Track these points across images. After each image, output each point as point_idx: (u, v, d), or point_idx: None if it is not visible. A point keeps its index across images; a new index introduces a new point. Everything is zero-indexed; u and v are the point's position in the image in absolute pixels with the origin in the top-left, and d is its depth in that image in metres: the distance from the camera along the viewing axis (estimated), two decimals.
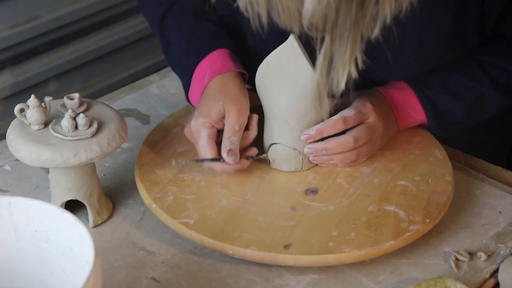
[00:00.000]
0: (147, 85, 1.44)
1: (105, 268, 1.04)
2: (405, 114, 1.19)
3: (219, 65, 1.17)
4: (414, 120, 1.20)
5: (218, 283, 1.03)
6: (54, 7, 1.62)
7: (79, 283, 0.78)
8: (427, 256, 1.07)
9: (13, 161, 1.24)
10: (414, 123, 1.21)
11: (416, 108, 1.19)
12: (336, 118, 1.12)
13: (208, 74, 1.17)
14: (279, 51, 1.08)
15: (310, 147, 1.12)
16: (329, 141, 1.12)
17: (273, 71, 1.10)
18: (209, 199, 1.11)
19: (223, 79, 1.16)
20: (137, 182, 1.14)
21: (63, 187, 1.10)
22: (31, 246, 0.90)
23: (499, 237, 1.09)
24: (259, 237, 1.05)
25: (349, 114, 1.12)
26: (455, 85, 1.19)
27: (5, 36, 1.55)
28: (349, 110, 1.13)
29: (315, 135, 1.12)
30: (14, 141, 1.06)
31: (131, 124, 1.31)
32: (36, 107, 1.06)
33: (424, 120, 1.19)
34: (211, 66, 1.18)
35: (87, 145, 1.05)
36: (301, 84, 1.08)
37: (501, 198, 1.15)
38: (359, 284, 1.03)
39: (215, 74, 1.16)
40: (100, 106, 1.12)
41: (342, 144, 1.12)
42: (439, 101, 1.18)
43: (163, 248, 1.09)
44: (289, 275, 1.04)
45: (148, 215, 1.14)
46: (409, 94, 1.18)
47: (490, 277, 1.04)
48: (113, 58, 1.76)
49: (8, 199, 0.89)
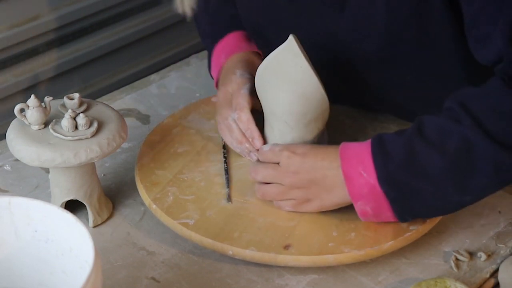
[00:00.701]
0: (147, 85, 1.44)
1: (105, 268, 1.04)
2: (355, 172, 1.02)
3: (234, 47, 1.25)
4: (365, 183, 1.01)
5: (218, 283, 1.03)
6: (54, 7, 1.61)
7: (79, 283, 0.78)
8: (427, 256, 1.07)
9: (13, 161, 1.24)
10: (366, 188, 1.02)
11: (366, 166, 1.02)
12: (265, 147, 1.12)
13: (224, 55, 1.24)
14: (278, 52, 1.08)
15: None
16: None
17: (272, 71, 1.10)
18: (209, 199, 1.11)
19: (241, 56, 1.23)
20: (137, 182, 1.14)
21: (63, 187, 1.10)
22: (31, 246, 0.90)
23: (499, 237, 1.09)
24: (259, 237, 1.05)
25: (265, 148, 1.11)
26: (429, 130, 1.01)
27: (5, 36, 1.55)
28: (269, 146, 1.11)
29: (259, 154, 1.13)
30: (14, 141, 1.06)
31: (131, 124, 1.31)
32: (36, 107, 1.06)
33: (375, 184, 1.01)
34: (225, 47, 1.25)
35: (87, 145, 1.05)
36: (301, 84, 1.08)
37: (501, 198, 1.15)
38: (359, 284, 1.03)
39: (230, 55, 1.24)
40: (100, 106, 1.12)
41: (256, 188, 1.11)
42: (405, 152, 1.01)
43: (163, 248, 1.09)
44: (289, 275, 1.04)
45: (148, 215, 1.14)
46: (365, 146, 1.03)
47: (490, 277, 1.04)
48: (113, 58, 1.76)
49: (8, 199, 0.89)
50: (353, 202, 1.03)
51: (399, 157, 1.00)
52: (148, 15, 1.79)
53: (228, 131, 1.16)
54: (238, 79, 1.18)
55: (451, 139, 0.99)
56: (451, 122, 0.99)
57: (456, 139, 0.98)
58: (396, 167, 1.00)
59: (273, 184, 1.08)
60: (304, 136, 1.13)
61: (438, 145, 0.99)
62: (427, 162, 0.99)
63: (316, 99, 1.10)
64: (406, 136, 1.02)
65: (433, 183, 1.00)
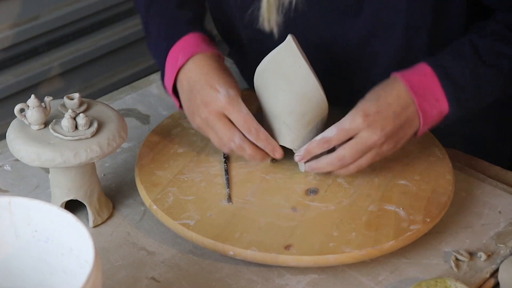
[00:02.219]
0: (147, 85, 1.44)
1: (105, 268, 1.04)
2: (429, 104, 1.09)
3: (193, 46, 1.15)
4: (438, 113, 1.10)
5: (218, 283, 1.03)
6: (54, 7, 1.62)
7: (79, 283, 0.78)
8: (427, 256, 1.07)
9: (13, 161, 1.24)
10: (437, 115, 1.10)
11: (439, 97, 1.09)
12: (318, 139, 1.09)
13: (182, 56, 1.14)
14: (277, 52, 1.08)
15: (306, 166, 1.12)
16: (318, 162, 1.10)
17: (271, 72, 1.10)
18: (210, 200, 1.11)
19: (206, 58, 1.14)
20: (137, 183, 1.14)
21: (63, 187, 1.10)
22: (31, 246, 0.90)
23: (499, 237, 1.09)
24: (259, 238, 1.05)
25: (330, 134, 1.08)
26: (487, 52, 1.11)
27: (5, 36, 1.55)
28: (331, 129, 1.08)
29: (305, 155, 1.11)
30: (14, 141, 1.06)
31: (131, 124, 1.31)
32: (36, 107, 1.06)
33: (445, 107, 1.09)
34: (184, 48, 1.15)
35: (87, 145, 1.05)
36: (300, 84, 1.08)
37: (501, 198, 1.15)
38: (359, 284, 1.03)
39: (188, 56, 1.13)
40: (100, 106, 1.12)
41: (329, 163, 1.09)
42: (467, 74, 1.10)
43: (163, 248, 1.09)
44: (289, 275, 1.04)
45: (148, 215, 1.14)
46: (431, 79, 1.09)
47: (490, 277, 1.04)
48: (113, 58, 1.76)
49: (8, 199, 0.89)
50: (422, 129, 1.09)
51: (469, 88, 1.09)
52: None
53: (240, 151, 1.12)
54: (225, 98, 1.09)
55: (505, 60, 1.10)
56: (503, 44, 1.10)
57: (510, 59, 1.10)
58: (467, 98, 1.09)
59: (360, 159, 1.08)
60: (303, 137, 1.13)
61: (496, 67, 1.10)
62: (490, 84, 1.11)
63: (315, 100, 1.10)
64: (467, 61, 1.09)
65: (492, 99, 1.13)
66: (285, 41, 1.07)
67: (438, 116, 1.09)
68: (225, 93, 1.10)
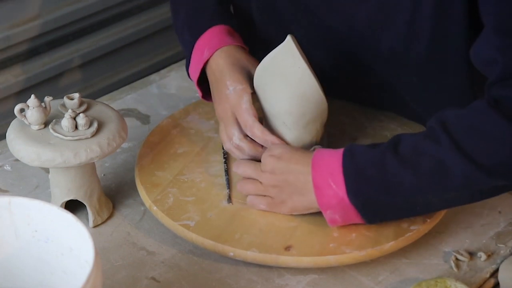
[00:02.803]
0: (147, 85, 1.44)
1: (105, 268, 1.04)
2: (324, 183, 1.02)
3: (217, 41, 1.19)
4: (334, 195, 1.02)
5: (218, 283, 1.03)
6: (54, 7, 1.61)
7: (79, 283, 0.78)
8: (427, 256, 1.07)
9: (13, 161, 1.24)
10: (335, 200, 1.02)
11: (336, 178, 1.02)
12: None
13: (207, 49, 1.18)
14: (276, 52, 1.08)
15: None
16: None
17: (271, 72, 1.10)
18: (210, 200, 1.11)
19: (228, 52, 1.17)
20: (137, 184, 1.14)
21: (63, 187, 1.10)
22: (31, 246, 0.90)
23: (499, 237, 1.09)
24: (260, 239, 1.04)
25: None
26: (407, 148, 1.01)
27: (5, 36, 1.54)
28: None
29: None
30: (14, 141, 1.06)
31: (131, 124, 1.31)
32: (36, 107, 1.06)
33: (344, 197, 1.01)
34: (209, 42, 1.19)
35: (87, 145, 1.05)
36: (299, 85, 1.08)
37: (501, 198, 1.15)
38: (359, 284, 1.03)
39: (214, 49, 1.17)
40: (100, 106, 1.12)
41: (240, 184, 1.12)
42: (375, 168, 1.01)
43: (163, 248, 1.09)
44: (289, 275, 1.04)
45: (148, 215, 1.14)
46: (336, 158, 1.03)
47: (490, 277, 1.04)
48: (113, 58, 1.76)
49: (8, 199, 0.89)
50: (322, 211, 1.04)
51: (370, 172, 1.00)
52: (148, 15, 1.79)
53: (239, 151, 1.14)
54: (232, 95, 1.13)
55: (426, 159, 0.98)
56: (428, 142, 0.99)
57: (431, 159, 0.98)
58: (366, 182, 1.00)
59: (252, 180, 1.09)
60: (302, 137, 1.12)
61: (412, 164, 0.99)
62: (398, 179, 0.99)
63: (315, 100, 1.10)
64: (379, 150, 1.02)
65: (403, 198, 1.01)
66: (284, 42, 1.07)
67: (336, 198, 1.01)
68: (232, 91, 1.13)
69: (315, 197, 1.03)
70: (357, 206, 1.01)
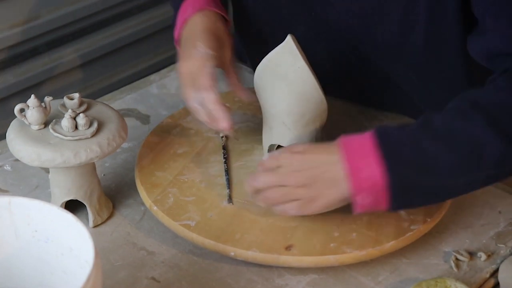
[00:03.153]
0: (147, 85, 1.44)
1: (105, 268, 1.04)
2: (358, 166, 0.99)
3: (202, 2, 1.19)
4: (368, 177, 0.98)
5: (218, 283, 1.03)
6: (54, 7, 1.62)
7: (79, 283, 0.78)
8: (427, 256, 1.07)
9: (13, 161, 1.24)
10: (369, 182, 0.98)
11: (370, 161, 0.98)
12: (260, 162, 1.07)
13: (191, 9, 1.18)
14: (276, 52, 1.08)
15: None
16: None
17: (270, 72, 1.10)
18: (210, 200, 1.11)
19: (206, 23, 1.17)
20: (137, 184, 1.14)
21: (63, 187, 1.10)
22: (31, 246, 0.90)
23: (499, 237, 1.09)
24: (260, 239, 1.04)
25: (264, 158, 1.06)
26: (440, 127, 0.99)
27: (5, 36, 1.55)
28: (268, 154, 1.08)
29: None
30: (14, 141, 1.06)
31: (131, 124, 1.31)
32: (36, 107, 1.06)
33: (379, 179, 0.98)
34: (194, 2, 1.19)
35: (87, 145, 1.05)
36: (299, 85, 1.08)
37: (501, 198, 1.15)
38: (359, 284, 1.03)
39: (197, 9, 1.18)
40: (100, 106, 1.12)
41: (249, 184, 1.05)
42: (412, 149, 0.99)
43: (163, 248, 1.09)
44: (289, 275, 1.04)
45: (148, 215, 1.14)
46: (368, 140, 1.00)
47: (490, 277, 1.04)
48: (113, 58, 1.76)
49: (8, 199, 0.89)
50: (354, 196, 1.00)
51: (406, 152, 0.98)
52: (148, 15, 1.79)
53: (195, 113, 1.12)
54: (198, 55, 1.10)
55: (461, 138, 0.98)
56: (460, 120, 0.98)
57: (467, 138, 0.97)
58: (403, 162, 0.98)
59: (274, 188, 1.03)
60: (302, 137, 1.13)
61: (447, 143, 0.98)
62: (436, 159, 0.98)
63: (314, 100, 1.10)
64: (411, 130, 1.00)
65: (439, 179, 0.99)
66: (284, 41, 1.07)
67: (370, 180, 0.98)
68: (200, 52, 1.11)
69: (346, 185, 0.99)
70: (392, 187, 0.98)
